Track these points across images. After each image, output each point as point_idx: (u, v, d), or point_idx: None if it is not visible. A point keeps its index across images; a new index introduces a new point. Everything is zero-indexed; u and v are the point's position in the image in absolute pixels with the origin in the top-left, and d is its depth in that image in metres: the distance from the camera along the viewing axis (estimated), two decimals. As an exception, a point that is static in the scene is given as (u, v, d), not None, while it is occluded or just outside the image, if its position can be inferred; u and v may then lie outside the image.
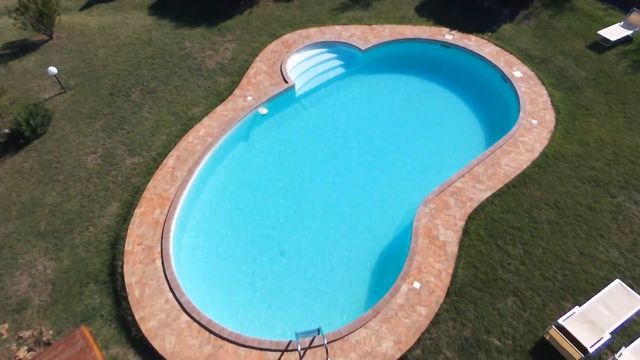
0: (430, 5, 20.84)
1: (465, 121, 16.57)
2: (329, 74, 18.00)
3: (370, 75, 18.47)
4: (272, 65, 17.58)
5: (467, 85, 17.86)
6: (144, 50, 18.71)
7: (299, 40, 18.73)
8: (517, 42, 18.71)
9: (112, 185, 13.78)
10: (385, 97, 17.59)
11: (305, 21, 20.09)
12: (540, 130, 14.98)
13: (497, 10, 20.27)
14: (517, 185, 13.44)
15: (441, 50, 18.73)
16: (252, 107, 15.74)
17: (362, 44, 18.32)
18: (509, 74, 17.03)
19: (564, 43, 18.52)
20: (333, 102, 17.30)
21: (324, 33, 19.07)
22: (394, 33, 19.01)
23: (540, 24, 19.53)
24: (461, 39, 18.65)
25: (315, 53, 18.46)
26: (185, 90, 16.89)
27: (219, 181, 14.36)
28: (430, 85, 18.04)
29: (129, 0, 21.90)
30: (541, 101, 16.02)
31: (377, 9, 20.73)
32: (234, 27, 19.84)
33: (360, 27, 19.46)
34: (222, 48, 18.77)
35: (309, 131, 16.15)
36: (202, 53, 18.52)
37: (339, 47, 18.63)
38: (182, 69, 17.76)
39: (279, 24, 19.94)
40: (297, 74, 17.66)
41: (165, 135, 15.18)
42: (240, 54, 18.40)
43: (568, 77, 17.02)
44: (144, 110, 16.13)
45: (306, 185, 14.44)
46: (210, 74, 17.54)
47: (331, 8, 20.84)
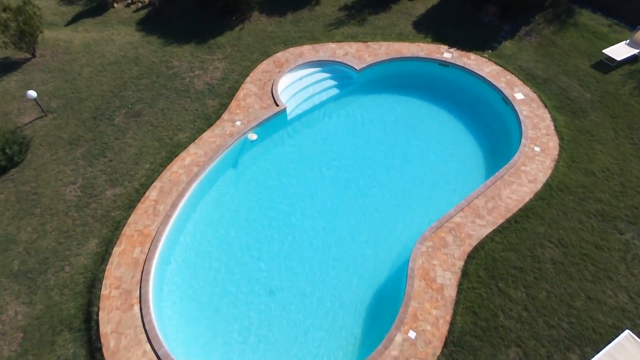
0: (429, 20, 20.10)
1: (464, 146, 15.83)
2: (322, 95, 17.26)
3: (365, 95, 17.74)
4: (263, 86, 16.84)
5: (467, 106, 17.14)
6: (130, 70, 17.96)
7: (292, 59, 17.99)
8: (518, 60, 17.97)
9: (91, 220, 13.04)
10: (380, 121, 16.84)
11: (298, 38, 19.35)
12: (543, 158, 14.24)
13: (498, 25, 19.53)
14: (519, 220, 12.70)
15: (439, 69, 18.00)
16: (241, 132, 15.01)
17: (357, 63, 17.57)
18: (510, 95, 16.29)
19: (567, 62, 17.77)
20: (326, 126, 16.56)
21: (318, 51, 18.32)
22: (391, 51, 18.26)
23: (542, 41, 18.78)
24: (460, 58, 17.91)
25: (308, 72, 17.71)
26: (171, 113, 16.14)
27: (205, 215, 13.62)
28: (428, 107, 17.31)
29: (117, 15, 21.15)
30: (544, 126, 15.27)
31: (373, 25, 19.99)
32: (224, 44, 19.09)
33: (355, 45, 18.71)
34: (211, 67, 18.02)
35: (299, 159, 15.39)
36: (190, 73, 17.78)
37: (333, 66, 17.89)
38: (169, 90, 17.02)
39: (272, 41, 19.20)
40: (289, 96, 16.92)
41: (149, 164, 14.44)
42: (230, 74, 17.66)
43: (572, 99, 16.28)
44: (128, 135, 15.38)
45: (297, 219, 13.70)
46: (198, 95, 16.79)
47: (326, 23, 20.10)
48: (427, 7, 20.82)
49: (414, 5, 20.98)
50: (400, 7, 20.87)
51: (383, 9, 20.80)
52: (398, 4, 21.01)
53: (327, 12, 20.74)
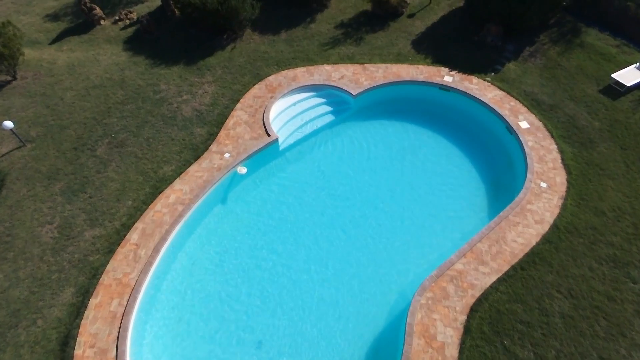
0: (429, 39, 19.23)
1: (466, 178, 14.99)
2: (316, 122, 16.40)
3: (362, 121, 16.89)
4: (254, 113, 15.97)
5: (469, 134, 16.29)
6: (115, 94, 17.09)
7: (285, 82, 17.12)
8: (523, 84, 17.11)
9: (68, 265, 12.19)
10: (377, 150, 15.98)
11: (292, 58, 18.48)
12: (550, 195, 13.40)
13: (501, 45, 18.66)
14: (526, 267, 11.86)
15: (440, 93, 17.14)
16: (229, 166, 14.15)
17: (353, 88, 16.71)
18: (514, 124, 15.44)
19: (574, 86, 16.92)
20: (319, 158, 15.69)
21: (312, 74, 17.46)
22: (389, 74, 17.40)
23: (547, 63, 17.92)
24: (462, 81, 17.06)
25: (301, 97, 16.85)
26: (157, 143, 15.28)
27: (189, 259, 12.77)
28: (428, 134, 16.46)
29: (103, 33, 20.26)
30: (551, 158, 14.43)
31: (370, 44, 19.12)
32: (214, 66, 18.22)
33: (351, 67, 17.85)
34: (200, 91, 17.16)
35: (291, 194, 14.53)
36: (178, 97, 16.91)
37: (328, 90, 17.03)
38: (155, 117, 16.16)
39: (264, 62, 18.33)
40: (281, 123, 16.07)
41: (132, 201, 13.59)
42: (220, 99, 16.79)
43: (580, 128, 15.43)
44: (110, 168, 14.52)
45: (287, 261, 12.86)
46: (186, 123, 15.93)
47: (321, 43, 19.23)
48: (427, 25, 19.95)
49: (413, 23, 20.12)
50: (399, 25, 20.00)
51: (381, 27, 19.93)
52: (397, 22, 20.14)
53: (322, 30, 19.87)
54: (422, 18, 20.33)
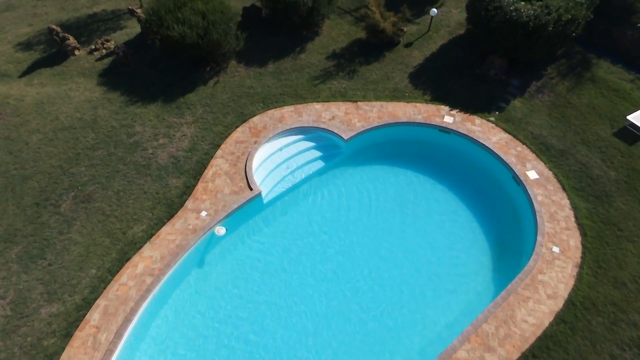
0: (427, 72, 17.82)
1: (468, 236, 13.59)
2: (304, 170, 14.98)
3: (354, 167, 15.48)
4: (235, 162, 14.54)
5: (471, 183, 14.90)
6: (85, 137, 15.65)
7: (270, 124, 15.70)
8: (530, 125, 15.69)
9: (18, 352, 10.74)
10: (371, 201, 14.57)
11: (279, 94, 17.06)
12: (563, 263, 11.97)
13: (505, 80, 17.25)
14: (538, 354, 10.45)
15: (440, 135, 15.73)
16: (206, 228, 12.72)
17: (344, 131, 15.29)
18: (521, 173, 14.03)
19: (586, 128, 15.51)
20: (307, 212, 14.27)
21: (300, 114, 16.03)
22: (384, 114, 15.98)
23: (556, 100, 16.51)
24: (463, 122, 15.64)
25: (288, 141, 15.42)
26: (127, 197, 13.85)
27: (157, 345, 11.30)
28: (426, 182, 15.07)
29: (77, 64, 18.82)
30: (563, 216, 13.01)
31: (364, 78, 17.70)
32: (195, 103, 16.79)
33: (343, 106, 16.43)
34: (178, 134, 15.72)
35: (276, 258, 13.10)
36: (154, 141, 15.47)
37: (318, 133, 15.61)
38: (127, 166, 14.72)
39: (249, 99, 16.90)
40: (265, 172, 14.64)
41: (96, 269, 12.15)
42: (200, 143, 15.36)
43: (594, 178, 14.02)
44: (75, 228, 13.09)
45: (272, 341, 11.42)
46: (161, 172, 14.50)
47: (311, 76, 17.81)
48: (426, 56, 18.54)
49: (410, 53, 18.70)
50: (395, 56, 18.59)
51: (376, 58, 18.51)
52: (393, 52, 18.73)
53: (312, 62, 18.45)
54: (420, 47, 18.91)
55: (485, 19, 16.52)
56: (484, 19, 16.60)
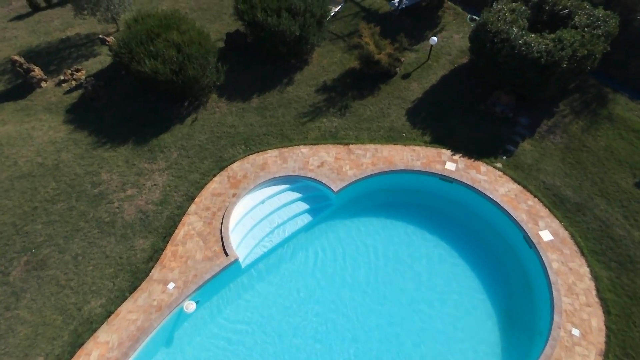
0: (427, 107, 16.18)
1: (473, 302, 11.98)
2: (289, 227, 13.35)
3: (345, 221, 13.88)
4: (210, 219, 12.90)
5: (478, 241, 13.32)
6: (45, 187, 14.01)
7: (251, 172, 14.05)
8: (541, 172, 14.06)
9: None
10: (363, 262, 12.95)
11: (263, 135, 15.41)
12: (585, 350, 10.34)
13: (513, 118, 15.62)
14: None
15: (441, 184, 14.08)
16: (173, 304, 11.09)
17: (334, 180, 13.65)
18: (534, 234, 12.40)
19: (604, 177, 13.87)
20: (292, 277, 12.65)
21: (285, 160, 14.38)
22: (378, 160, 14.34)
23: (570, 143, 14.87)
24: (467, 170, 14.00)
25: (271, 193, 13.78)
26: (87, 263, 12.20)
27: None
28: (424, 238, 13.48)
29: (43, 98, 17.16)
30: (582, 289, 11.38)
31: (357, 115, 16.06)
32: (170, 146, 15.13)
33: (334, 149, 14.78)
34: (149, 183, 14.07)
35: (254, 334, 11.45)
36: (121, 192, 13.83)
37: (304, 183, 13.97)
38: (89, 223, 13.07)
39: (230, 140, 15.26)
40: (245, 229, 13.00)
41: (44, 357, 10.49)
42: (172, 194, 13.72)
43: (615, 239, 12.39)
44: (24, 303, 11.44)
45: None
46: (126, 231, 12.85)
47: (299, 113, 16.16)
48: (425, 89, 16.89)
49: (408, 85, 17.05)
50: (391, 89, 16.94)
51: (370, 91, 16.86)
52: (389, 85, 17.08)
53: (301, 95, 16.80)
54: (419, 79, 17.26)
55: (491, 51, 14.88)
56: (489, 51, 14.96)
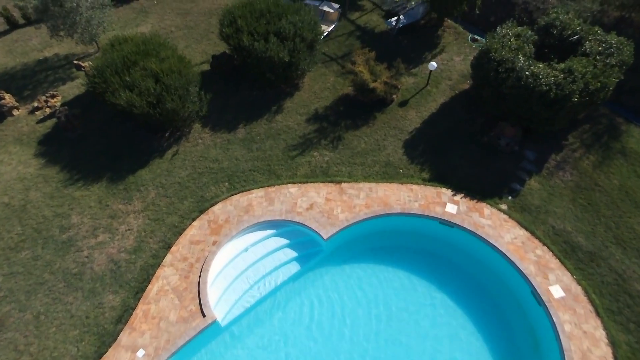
0: (425, 139, 15.04)
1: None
2: (274, 277, 12.23)
3: (336, 269, 12.75)
4: (187, 272, 11.74)
5: (482, 292, 12.18)
6: (9, 232, 12.86)
7: (234, 216, 12.90)
8: (550, 215, 12.91)
9: None
10: (357, 315, 11.79)
11: (249, 171, 14.27)
12: None
13: (519, 152, 14.47)
14: None
15: (441, 228, 12.93)
16: (141, 376, 9.91)
17: (324, 226, 12.51)
18: (543, 290, 11.26)
19: (619, 220, 12.73)
20: (279, 331, 11.47)
21: (272, 201, 13.23)
22: (372, 201, 13.19)
23: (581, 181, 13.72)
24: (470, 213, 12.86)
25: (255, 239, 12.62)
26: (49, 323, 11.06)
27: None
28: (423, 288, 12.35)
29: (15, 127, 16.00)
30: (598, 356, 10.22)
31: (351, 148, 14.91)
32: (147, 183, 13.98)
33: (324, 188, 13.63)
34: (122, 227, 12.92)
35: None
36: (92, 238, 12.68)
37: (292, 227, 12.81)
38: (55, 275, 11.93)
39: (212, 177, 14.11)
40: (226, 282, 11.86)
41: None
42: (147, 241, 12.57)
43: (634, 296, 11.24)
44: (-24, 372, 10.29)
45: None
46: (95, 285, 11.71)
47: (288, 145, 15.01)
48: (424, 118, 15.74)
49: (405, 114, 15.90)
50: (387, 118, 15.79)
51: (365, 120, 15.71)
52: (385, 113, 15.93)
53: (290, 125, 15.65)
54: (417, 107, 16.11)
55: (495, 81, 13.73)
56: (492, 81, 13.81)
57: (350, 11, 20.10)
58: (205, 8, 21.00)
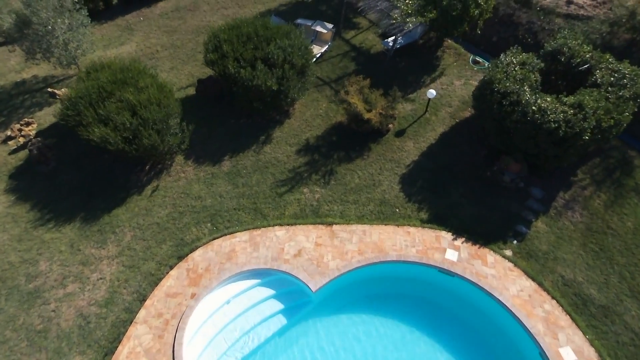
0: (423, 174, 14.02)
1: None
2: (258, 333, 11.20)
3: (327, 322, 11.70)
4: (162, 331, 10.71)
5: (485, 350, 11.04)
6: (-30, 281, 11.83)
7: (216, 263, 11.87)
8: (559, 263, 11.89)
9: None
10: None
11: (234, 209, 13.25)
12: None
13: (524, 188, 13.45)
14: None
15: (440, 277, 11.90)
16: None
17: (313, 275, 11.49)
18: (553, 352, 10.25)
19: (634, 270, 11.70)
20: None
21: (256, 247, 12.20)
22: (366, 246, 12.16)
23: (591, 223, 12.69)
24: (471, 260, 11.83)
25: (238, 290, 11.58)
26: (9, 390, 10.02)
27: None
28: (421, 342, 11.27)
29: (-15, 158, 14.99)
30: None
31: (343, 183, 13.89)
32: (123, 224, 12.95)
33: (314, 231, 12.61)
34: (94, 276, 11.90)
35: None
36: (60, 288, 11.66)
37: (279, 276, 11.78)
38: (18, 332, 10.89)
39: (194, 217, 13.09)
40: (206, 339, 10.83)
41: None
42: (121, 291, 11.54)
43: (652, 359, 10.19)
44: None
45: None
46: (60, 344, 10.67)
47: (276, 180, 13.98)
48: (422, 150, 14.71)
49: (402, 145, 14.87)
50: (383, 149, 14.76)
51: (359, 152, 14.69)
52: (381, 144, 14.91)
53: (279, 157, 14.63)
54: (415, 137, 15.08)
55: (499, 114, 12.71)
56: (496, 114, 12.79)
57: (345, 29, 19.08)
58: (193, 25, 19.97)
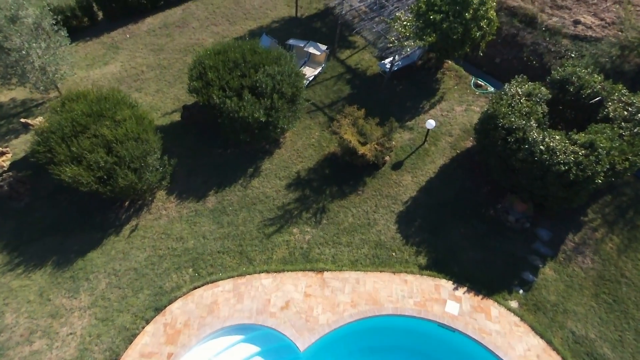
0: (422, 213, 13.07)
1: None
2: (240, 399, 10.20)
3: (317, 384, 10.70)
4: (134, 397, 9.75)
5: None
6: None
7: (196, 317, 10.91)
8: (569, 317, 10.94)
9: None
10: None
11: (217, 252, 12.31)
12: None
13: (530, 229, 12.51)
14: None
15: (440, 331, 10.94)
16: None
17: (301, 331, 10.53)
18: (564, 423, 9.23)
19: (651, 325, 10.74)
20: None
21: (241, 298, 11.24)
22: (359, 297, 11.20)
23: (604, 270, 11.74)
24: (474, 314, 10.87)
25: (220, 348, 10.63)
26: None
27: None
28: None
29: (-45, 194, 14.00)
30: None
31: (336, 222, 12.94)
32: (98, 270, 12.02)
33: (304, 279, 11.66)
34: (64, 330, 10.95)
35: None
36: (26, 346, 10.70)
37: (263, 331, 10.82)
38: (-23, 397, 9.95)
39: (174, 261, 12.15)
40: (181, 407, 9.84)
41: None
42: (92, 349, 10.60)
43: None
44: None
45: None
46: (23, 412, 9.72)
47: (264, 218, 13.04)
48: (420, 184, 13.77)
49: (400, 179, 13.92)
50: (379, 184, 13.81)
51: (353, 187, 13.74)
52: (376, 177, 13.96)
53: (268, 192, 13.68)
54: (413, 170, 14.13)
55: (504, 152, 11.75)
56: (501, 151, 11.83)
57: (340, 49, 18.13)
58: (181, 43, 19.01)
